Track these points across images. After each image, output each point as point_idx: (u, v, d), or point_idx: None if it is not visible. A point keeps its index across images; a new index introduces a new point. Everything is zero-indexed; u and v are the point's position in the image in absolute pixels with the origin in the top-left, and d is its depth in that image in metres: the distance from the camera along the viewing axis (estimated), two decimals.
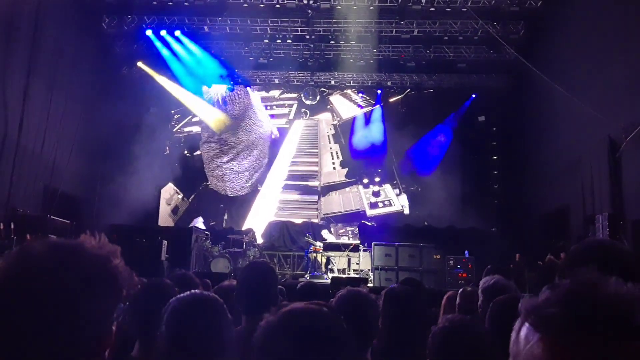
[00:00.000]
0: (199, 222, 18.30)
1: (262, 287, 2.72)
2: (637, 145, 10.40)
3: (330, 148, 20.37)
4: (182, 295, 1.83)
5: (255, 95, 20.29)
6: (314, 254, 15.11)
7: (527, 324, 0.81)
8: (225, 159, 19.74)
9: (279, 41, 17.78)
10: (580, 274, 0.84)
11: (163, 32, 17.19)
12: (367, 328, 2.13)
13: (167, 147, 19.43)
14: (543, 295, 0.81)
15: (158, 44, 17.42)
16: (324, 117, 20.54)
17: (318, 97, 20.01)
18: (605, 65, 11.61)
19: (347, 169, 19.89)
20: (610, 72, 11.43)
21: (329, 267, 15.08)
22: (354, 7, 15.67)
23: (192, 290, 1.87)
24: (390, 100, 19.92)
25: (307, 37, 17.39)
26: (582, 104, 11.83)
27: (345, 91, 20.28)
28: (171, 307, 1.76)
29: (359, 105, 20.29)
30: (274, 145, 20.17)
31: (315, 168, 20.15)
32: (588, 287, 0.79)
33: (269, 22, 16.88)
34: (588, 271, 0.84)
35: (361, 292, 2.39)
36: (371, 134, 19.74)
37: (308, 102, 20.11)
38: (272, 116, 20.20)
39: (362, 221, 18.24)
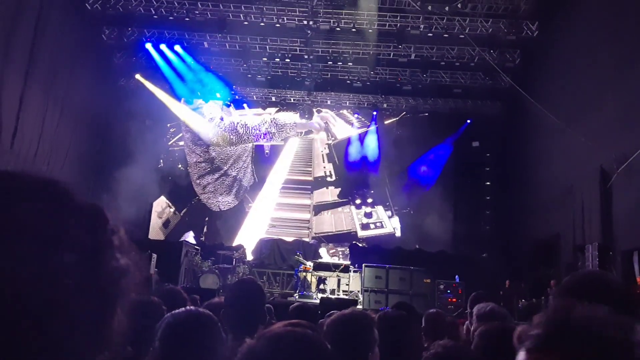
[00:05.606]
0: (190, 237, 18.15)
1: (249, 305, 2.71)
2: (628, 177, 10.50)
3: (324, 167, 20.39)
4: (177, 311, 1.80)
5: (247, 110, 20.28)
6: (304, 273, 15.00)
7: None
8: (217, 175, 19.67)
9: (278, 60, 17.93)
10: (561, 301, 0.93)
11: (162, 46, 17.27)
12: (364, 351, 2.11)
13: (162, 160, 19.38)
14: (534, 321, 0.90)
15: (157, 57, 17.48)
16: (319, 137, 20.60)
17: (314, 116, 20.08)
18: (599, 96, 11.76)
19: (339, 189, 19.89)
20: (603, 103, 11.58)
21: (320, 287, 14.95)
22: (353, 30, 15.87)
23: (188, 307, 1.85)
24: (386, 122, 20.03)
25: (306, 56, 17.53)
26: (575, 133, 11.97)
27: (341, 111, 20.38)
28: (166, 323, 1.74)
29: (354, 126, 20.37)
30: (268, 161, 20.15)
31: (308, 187, 20.14)
32: (564, 309, 0.87)
33: (269, 40, 17.02)
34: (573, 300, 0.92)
35: (366, 314, 2.37)
36: (365, 155, 19.80)
37: (304, 121, 20.18)
38: (265, 134, 20.17)
39: (353, 242, 18.17)
